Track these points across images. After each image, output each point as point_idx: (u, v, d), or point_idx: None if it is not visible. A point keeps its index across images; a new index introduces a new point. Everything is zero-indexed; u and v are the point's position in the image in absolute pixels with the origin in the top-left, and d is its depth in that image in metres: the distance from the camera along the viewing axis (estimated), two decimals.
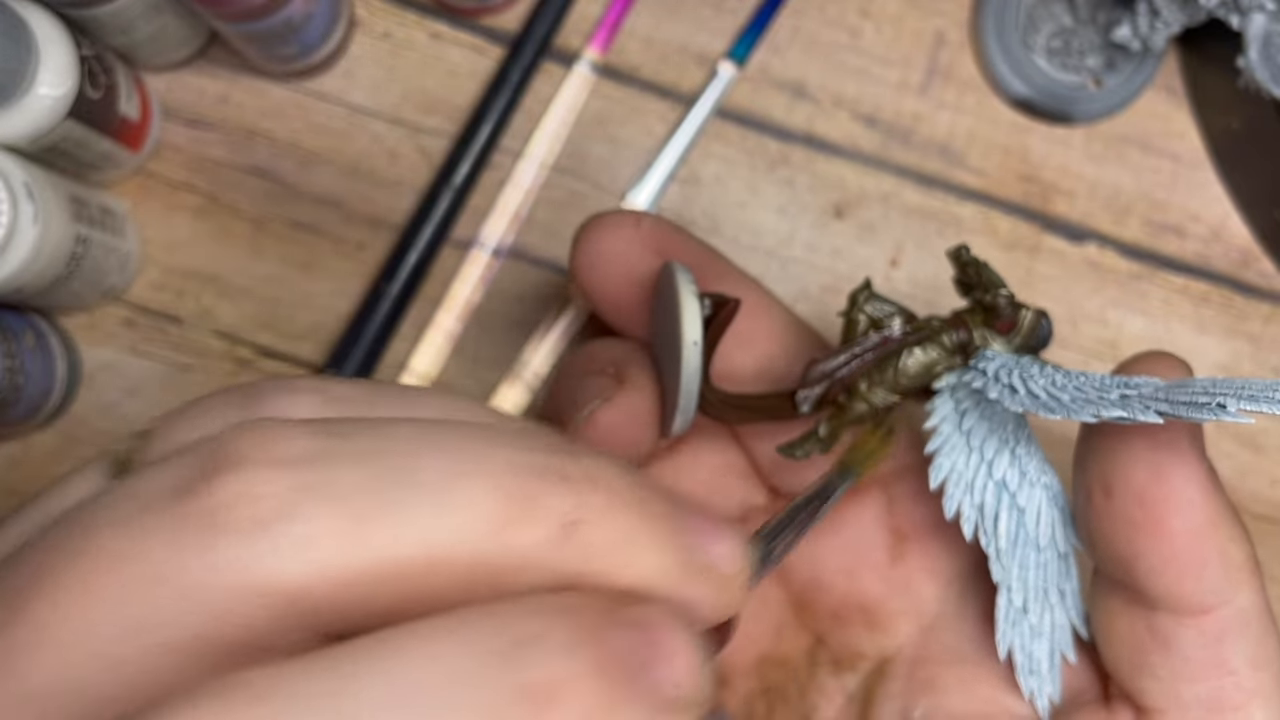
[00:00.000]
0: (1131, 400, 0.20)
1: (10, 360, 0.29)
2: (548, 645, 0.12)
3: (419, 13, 0.35)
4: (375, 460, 0.13)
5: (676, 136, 0.35)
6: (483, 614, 0.13)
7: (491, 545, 0.13)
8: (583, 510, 0.14)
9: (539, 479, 0.13)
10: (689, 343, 0.23)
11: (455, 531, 0.13)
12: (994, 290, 0.23)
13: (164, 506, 0.13)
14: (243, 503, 0.13)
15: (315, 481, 0.13)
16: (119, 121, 0.32)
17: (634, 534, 0.14)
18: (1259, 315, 0.36)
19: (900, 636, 0.25)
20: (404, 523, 0.13)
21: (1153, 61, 0.36)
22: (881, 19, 0.36)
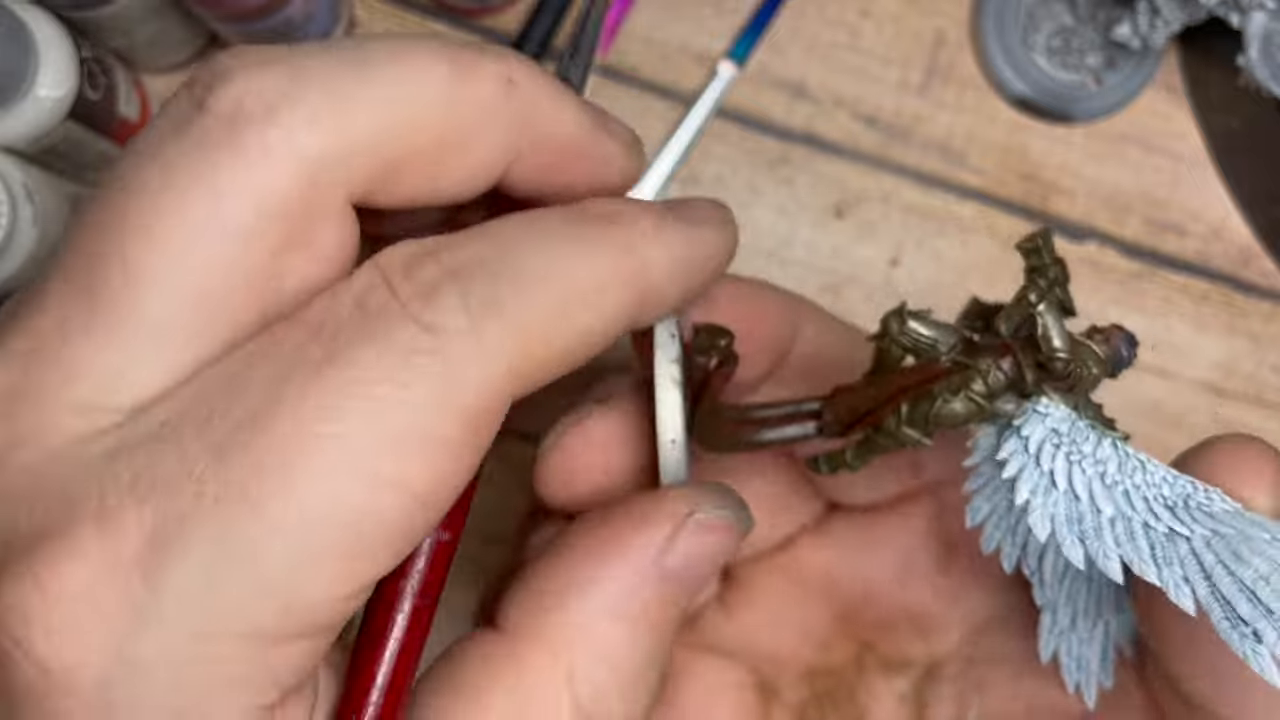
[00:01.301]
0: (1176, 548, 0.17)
1: None
2: (604, 200, 0.17)
3: (419, 13, 0.35)
4: (339, 50, 0.16)
5: (676, 136, 0.35)
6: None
7: (454, 100, 0.16)
8: (513, 71, 0.16)
9: (470, 51, 0.16)
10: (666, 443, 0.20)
11: (424, 92, 0.16)
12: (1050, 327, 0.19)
13: (179, 133, 0.15)
14: (246, 99, 0.15)
15: (297, 71, 0.15)
16: (118, 123, 0.32)
17: (556, 92, 0.17)
18: (1259, 314, 0.36)
19: (949, 642, 0.24)
20: (382, 91, 0.15)
21: (1153, 60, 0.36)
22: (881, 19, 0.36)
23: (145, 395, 0.14)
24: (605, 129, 0.18)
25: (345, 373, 0.14)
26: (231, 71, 0.15)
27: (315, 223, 0.15)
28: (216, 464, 0.13)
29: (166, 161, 0.15)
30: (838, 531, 0.26)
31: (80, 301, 0.14)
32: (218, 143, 0.14)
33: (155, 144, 0.15)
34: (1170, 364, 0.36)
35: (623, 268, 0.16)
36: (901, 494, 0.26)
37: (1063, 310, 0.19)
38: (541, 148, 0.17)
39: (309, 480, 0.13)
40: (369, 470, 0.14)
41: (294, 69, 0.15)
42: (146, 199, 0.14)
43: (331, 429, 0.14)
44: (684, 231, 0.18)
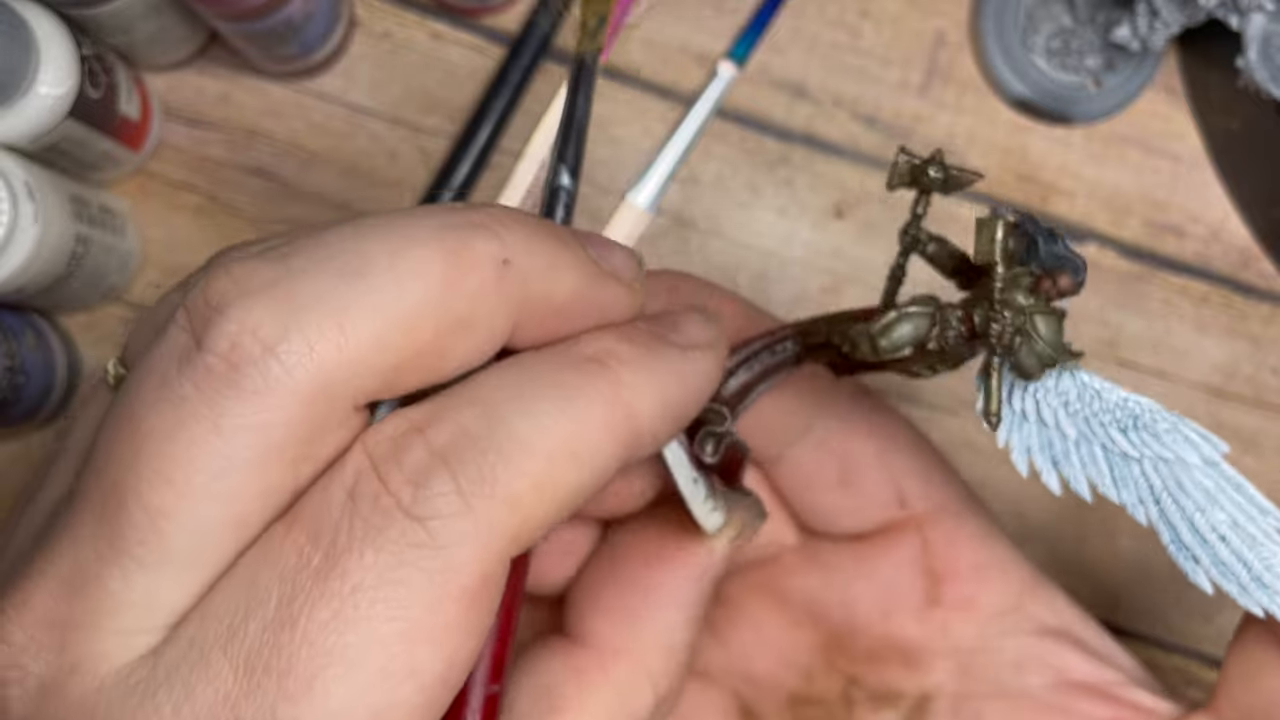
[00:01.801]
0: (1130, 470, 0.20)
1: (10, 360, 0.29)
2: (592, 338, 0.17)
3: (419, 13, 0.35)
4: (331, 260, 0.16)
5: (676, 136, 0.35)
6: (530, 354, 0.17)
7: (447, 297, 0.16)
8: (507, 248, 0.16)
9: (464, 232, 0.16)
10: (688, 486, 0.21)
11: (417, 293, 0.16)
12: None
13: (179, 375, 0.15)
14: (243, 339, 0.15)
15: (289, 296, 0.15)
16: (119, 121, 0.32)
17: (555, 257, 0.17)
18: (1259, 315, 0.36)
19: (939, 674, 0.24)
20: (377, 300, 0.15)
21: (1152, 62, 0.36)
22: (881, 19, 0.36)
23: (175, 616, 0.15)
24: (605, 277, 0.18)
25: (347, 582, 0.15)
26: (227, 306, 0.15)
27: (324, 435, 0.16)
28: (246, 688, 0.14)
29: (173, 400, 0.15)
30: (823, 559, 0.26)
31: (110, 539, 0.15)
32: (219, 386, 0.15)
33: (160, 377, 0.15)
34: (1170, 366, 0.36)
35: (611, 420, 0.17)
36: (886, 526, 0.25)
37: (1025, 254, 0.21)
38: (541, 313, 0.17)
39: (330, 691, 0.14)
40: (383, 669, 0.15)
41: (287, 294, 0.15)
42: (158, 442, 0.15)
43: (343, 640, 0.14)
44: (674, 366, 0.18)
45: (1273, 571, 0.19)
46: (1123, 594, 0.35)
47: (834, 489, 0.25)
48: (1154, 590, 0.36)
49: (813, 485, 0.25)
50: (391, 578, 0.15)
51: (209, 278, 0.15)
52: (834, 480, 0.25)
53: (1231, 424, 0.36)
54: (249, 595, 0.15)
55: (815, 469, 0.25)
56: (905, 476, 0.25)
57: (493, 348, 0.17)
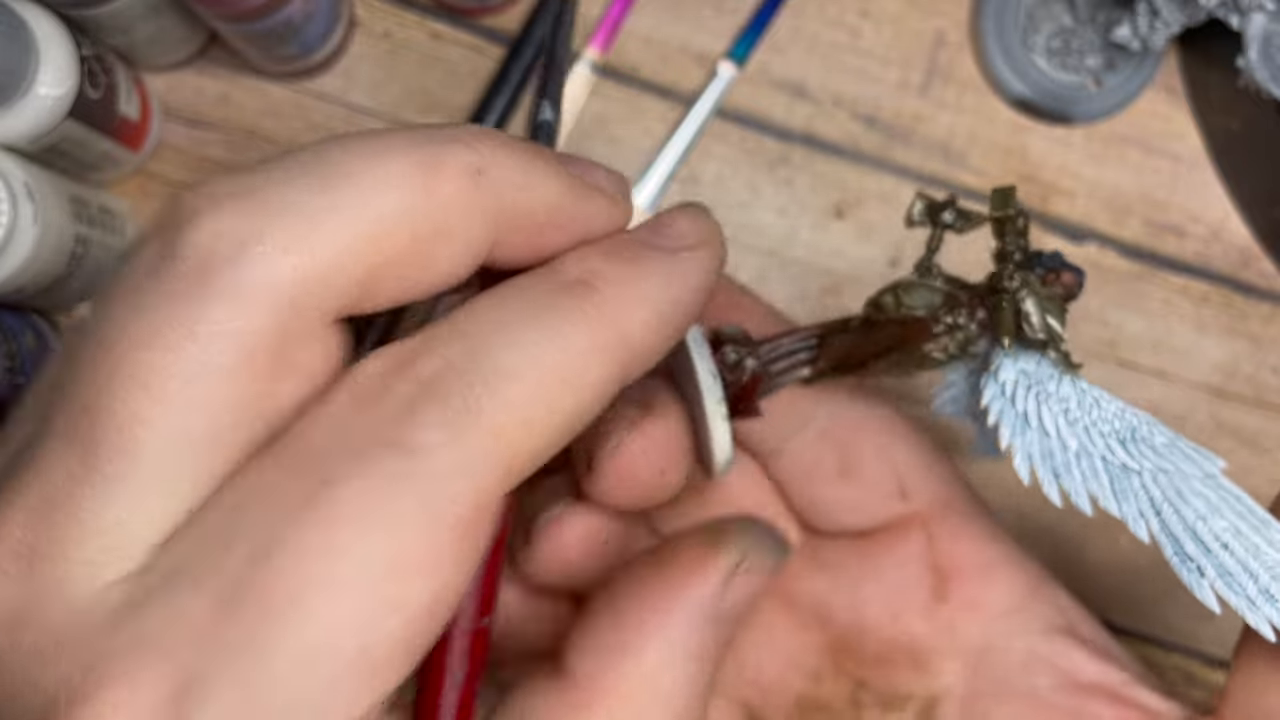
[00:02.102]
0: (1130, 482, 0.20)
1: (10, 360, 0.29)
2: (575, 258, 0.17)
3: (419, 13, 0.35)
4: (301, 173, 0.16)
5: (676, 136, 0.35)
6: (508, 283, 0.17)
7: (422, 204, 0.16)
8: (481, 158, 0.16)
9: (437, 144, 0.16)
10: (720, 463, 0.22)
11: (390, 200, 0.15)
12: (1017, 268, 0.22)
13: (155, 282, 0.15)
14: (217, 242, 0.15)
15: (261, 203, 0.15)
16: (119, 121, 0.32)
17: (529, 168, 0.17)
18: (1259, 315, 0.36)
19: (948, 676, 0.24)
20: (349, 207, 0.15)
21: (1152, 61, 0.36)
22: (881, 19, 0.36)
23: (152, 543, 0.15)
24: (587, 190, 0.18)
25: (333, 510, 0.14)
26: (198, 214, 0.15)
27: (299, 347, 0.15)
28: (226, 613, 0.14)
29: (146, 309, 0.15)
30: (829, 559, 0.26)
31: (82, 458, 0.15)
32: (192, 289, 0.15)
33: (132, 291, 0.15)
34: (1170, 366, 0.36)
35: (601, 339, 0.16)
36: (890, 523, 0.25)
37: (1024, 263, 0.22)
38: (520, 226, 0.17)
39: (314, 620, 0.14)
40: (370, 599, 0.14)
41: (259, 202, 0.15)
42: (131, 351, 0.15)
43: (328, 568, 0.14)
44: (663, 270, 0.17)
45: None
46: (1123, 594, 0.35)
47: (834, 480, 0.25)
48: (1154, 590, 0.36)
49: (813, 477, 0.25)
50: (380, 507, 0.14)
51: (178, 196, 0.15)
52: (834, 471, 0.25)
53: (1231, 424, 0.36)
54: (232, 522, 0.15)
55: (815, 460, 0.25)
56: (906, 468, 0.25)
57: (472, 259, 0.17)
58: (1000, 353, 0.22)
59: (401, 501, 0.14)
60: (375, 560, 0.14)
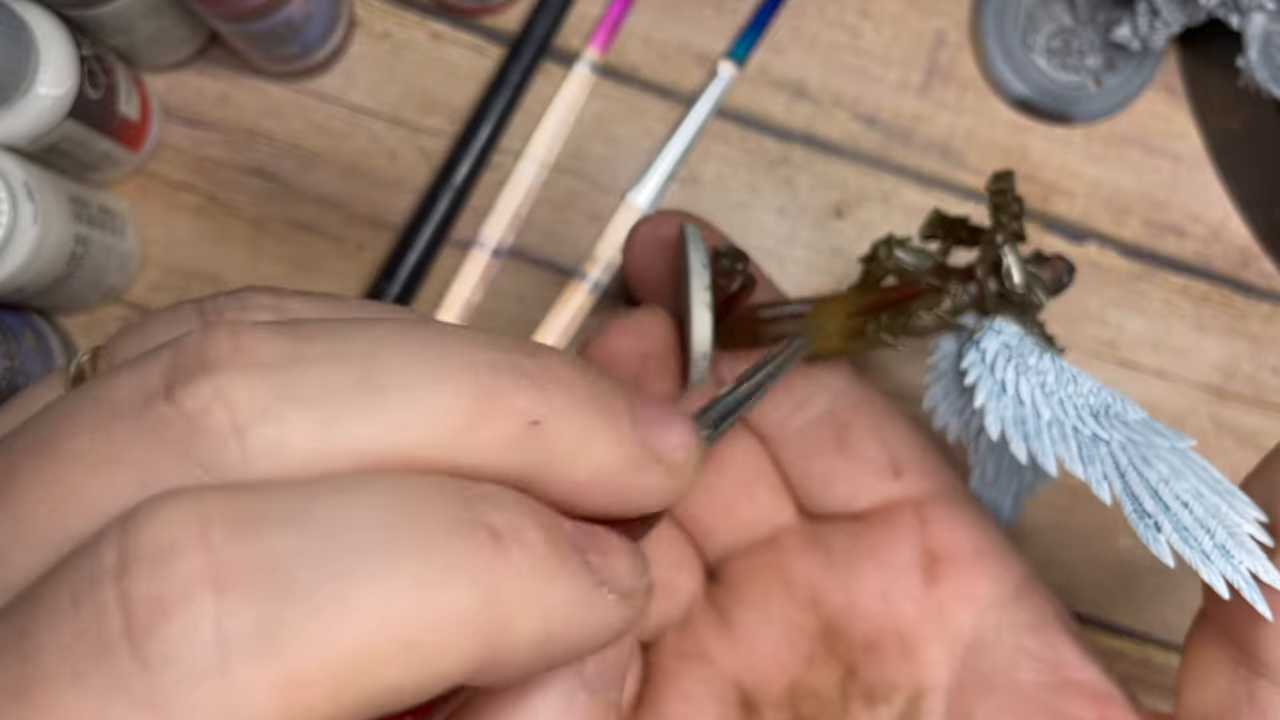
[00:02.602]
0: (1098, 450, 0.20)
1: (10, 360, 0.29)
2: (505, 502, 0.13)
3: (419, 13, 0.35)
4: (342, 363, 0.13)
5: (676, 136, 0.35)
6: (446, 478, 0.13)
7: (458, 442, 0.13)
8: (544, 409, 0.14)
9: (505, 377, 0.14)
10: (698, 356, 0.24)
11: (424, 430, 0.13)
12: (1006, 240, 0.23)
13: (137, 411, 0.13)
14: (217, 407, 0.12)
15: (288, 386, 0.13)
16: (119, 121, 0.32)
17: (590, 429, 0.14)
18: (1259, 315, 0.36)
19: (935, 667, 0.24)
20: (374, 422, 0.13)
21: (1152, 61, 0.36)
22: (881, 19, 0.36)
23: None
24: (648, 461, 0.15)
25: (37, 715, 0.11)
26: (216, 369, 0.13)
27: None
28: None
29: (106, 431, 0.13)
30: (824, 541, 0.26)
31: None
32: (161, 439, 0.12)
33: (108, 406, 0.13)
34: (1170, 365, 0.36)
35: (476, 620, 0.12)
36: (884, 505, 0.26)
37: (1017, 239, 0.23)
38: (550, 485, 0.14)
39: None
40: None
41: (283, 384, 0.13)
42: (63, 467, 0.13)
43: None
44: (577, 597, 0.13)
45: (1237, 540, 0.19)
46: (1122, 594, 0.35)
47: (831, 454, 0.26)
48: (1154, 590, 0.36)
49: (810, 452, 0.26)
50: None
51: (211, 331, 0.13)
52: (831, 446, 0.26)
53: (1231, 424, 0.36)
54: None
55: (814, 437, 0.26)
56: (899, 448, 0.26)
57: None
58: (986, 324, 0.23)
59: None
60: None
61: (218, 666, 0.11)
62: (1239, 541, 0.19)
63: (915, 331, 0.23)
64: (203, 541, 0.11)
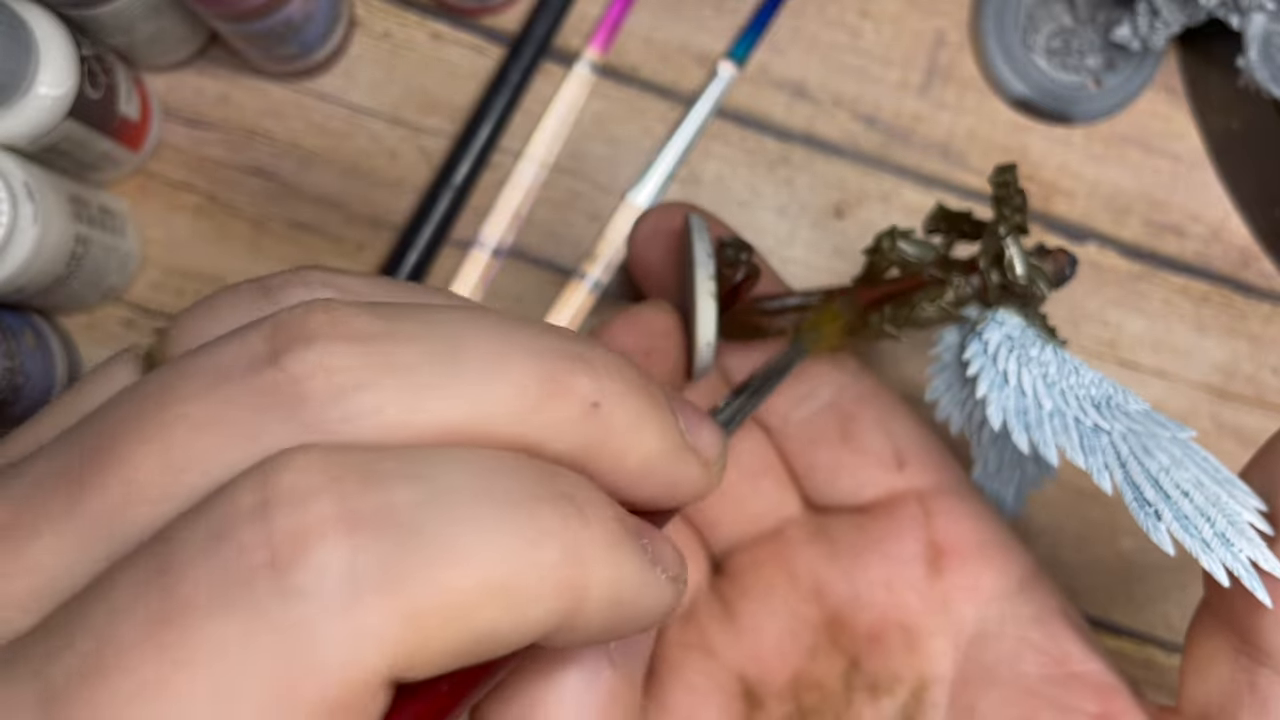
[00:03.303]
0: (1099, 440, 0.20)
1: (10, 360, 0.29)
2: (580, 482, 0.15)
3: (419, 13, 0.35)
4: (429, 339, 0.14)
5: (676, 136, 0.35)
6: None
7: (528, 417, 0.15)
8: (603, 393, 0.15)
9: (568, 362, 0.15)
10: (702, 345, 0.24)
11: (500, 404, 0.14)
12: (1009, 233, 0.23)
13: (243, 376, 0.14)
14: (320, 374, 0.14)
15: (384, 357, 0.14)
16: (119, 121, 0.32)
17: (642, 417, 0.16)
18: (1259, 315, 0.36)
19: (938, 659, 0.24)
20: (458, 394, 0.14)
21: (1152, 61, 0.36)
22: (881, 19, 0.36)
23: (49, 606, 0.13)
24: (686, 452, 0.17)
25: (174, 644, 0.12)
26: (317, 339, 0.14)
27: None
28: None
29: (222, 395, 0.14)
30: (828, 532, 0.26)
31: (69, 496, 0.13)
32: (273, 403, 0.14)
33: (218, 370, 0.14)
34: (1170, 366, 0.36)
35: (560, 575, 0.14)
36: (888, 497, 0.26)
37: (1020, 232, 0.23)
38: (609, 471, 0.16)
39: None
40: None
41: (380, 356, 0.14)
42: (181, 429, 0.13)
43: (156, 713, 0.12)
44: (639, 569, 0.15)
45: (1236, 528, 0.19)
46: (1123, 594, 0.35)
47: (835, 446, 0.26)
48: (1154, 590, 0.36)
49: (815, 444, 0.27)
50: (231, 658, 0.12)
51: (308, 307, 0.14)
52: (836, 438, 0.26)
53: (1231, 424, 0.36)
54: (79, 620, 0.13)
55: (819, 429, 0.27)
56: (903, 440, 0.26)
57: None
58: (988, 315, 0.23)
59: (250, 657, 0.12)
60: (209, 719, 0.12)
61: (351, 596, 0.12)
62: (1239, 530, 0.19)
63: (918, 323, 0.24)
64: (335, 488, 0.13)
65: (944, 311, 0.23)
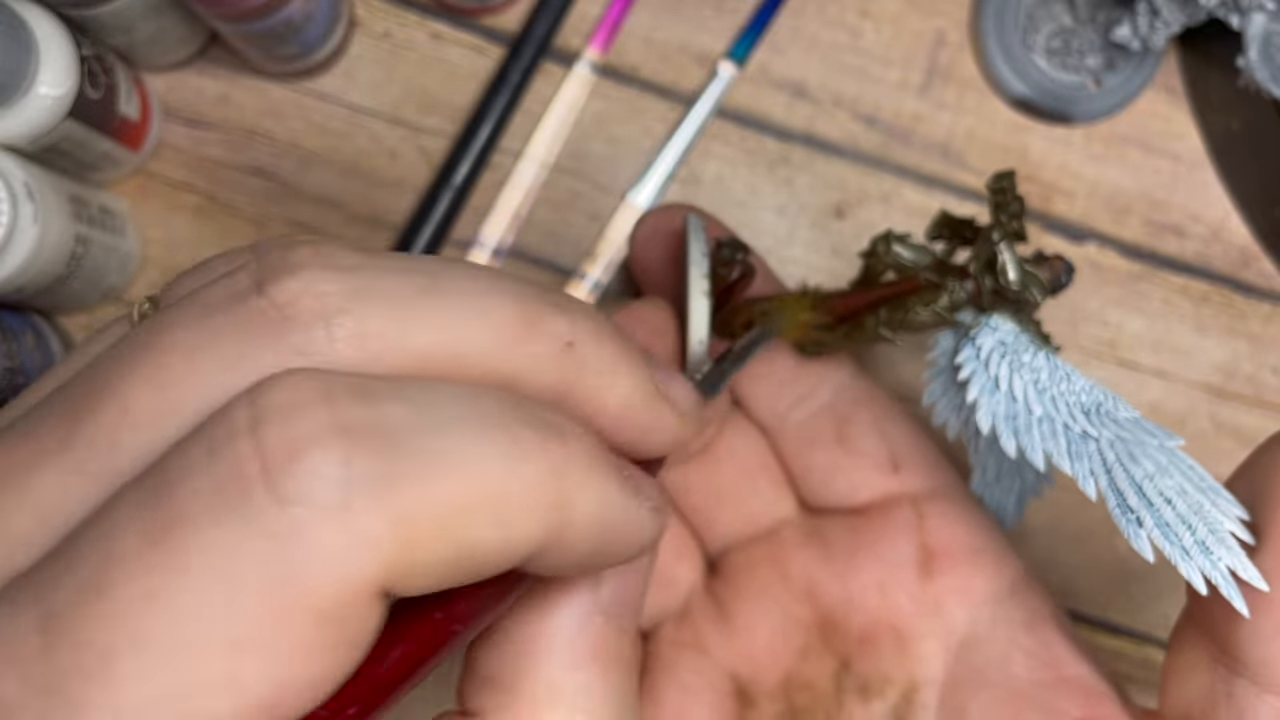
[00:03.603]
0: (1086, 446, 0.21)
1: (10, 360, 0.29)
2: (560, 413, 0.15)
3: (419, 13, 0.35)
4: (412, 274, 0.15)
5: (676, 136, 0.35)
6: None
7: (508, 349, 0.15)
8: (577, 333, 0.16)
9: (544, 303, 0.16)
10: (695, 343, 0.24)
11: (481, 335, 0.15)
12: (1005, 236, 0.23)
13: (230, 306, 0.14)
14: (306, 298, 0.14)
15: (366, 284, 0.14)
16: (119, 121, 0.32)
17: (615, 360, 0.16)
18: (1259, 315, 0.36)
19: (929, 661, 0.24)
20: (441, 324, 0.15)
21: (1152, 61, 0.36)
22: (881, 19, 0.36)
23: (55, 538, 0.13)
24: (661, 399, 0.17)
25: (174, 556, 0.12)
26: (302, 268, 0.14)
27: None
28: (43, 647, 0.12)
29: (209, 325, 0.14)
30: (822, 534, 0.26)
31: (66, 433, 0.14)
32: (260, 328, 0.14)
33: (204, 306, 0.14)
34: (1170, 365, 0.36)
35: (546, 497, 0.14)
36: (882, 500, 0.26)
37: (1017, 239, 0.23)
38: (589, 412, 0.16)
39: (130, 681, 0.12)
40: (195, 672, 0.12)
41: (364, 282, 0.14)
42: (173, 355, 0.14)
43: (155, 622, 0.12)
44: (621, 497, 0.15)
45: (1218, 537, 0.19)
46: (1121, 593, 0.35)
47: (831, 446, 0.27)
48: (1153, 590, 0.36)
49: (811, 445, 0.27)
50: (226, 565, 0.12)
51: (291, 243, 0.15)
52: (831, 438, 0.27)
53: (1231, 424, 0.36)
54: (77, 542, 0.13)
55: (815, 430, 0.27)
56: (898, 443, 0.27)
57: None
58: (982, 320, 0.23)
59: (248, 566, 0.12)
60: (206, 628, 0.12)
61: (344, 501, 0.13)
62: (1220, 538, 0.19)
63: (913, 327, 0.24)
64: (328, 401, 0.13)
65: (938, 316, 0.23)
